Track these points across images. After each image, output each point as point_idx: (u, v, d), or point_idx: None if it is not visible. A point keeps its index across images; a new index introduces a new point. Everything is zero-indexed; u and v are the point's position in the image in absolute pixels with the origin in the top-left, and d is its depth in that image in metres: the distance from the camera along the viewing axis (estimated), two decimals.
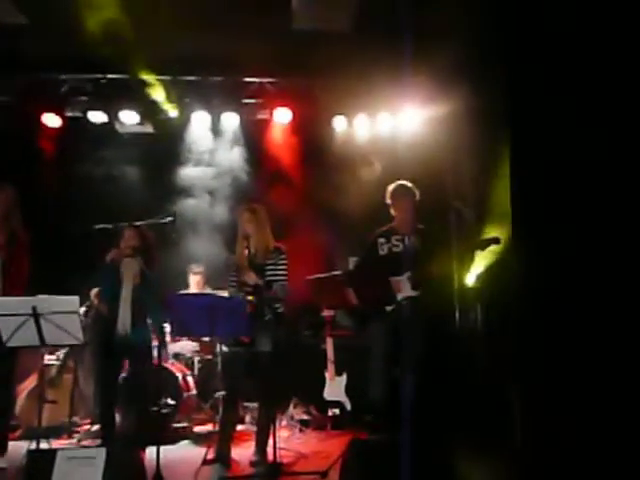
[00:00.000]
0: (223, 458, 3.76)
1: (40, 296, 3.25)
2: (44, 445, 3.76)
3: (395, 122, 5.85)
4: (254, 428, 4.28)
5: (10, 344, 3.27)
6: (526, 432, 3.72)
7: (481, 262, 4.88)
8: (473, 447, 3.66)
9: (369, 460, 2.90)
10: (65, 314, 3.23)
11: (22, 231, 3.96)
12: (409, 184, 4.07)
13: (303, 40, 5.09)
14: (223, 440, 3.83)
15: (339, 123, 5.93)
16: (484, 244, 3.99)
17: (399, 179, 4.16)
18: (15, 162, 5.33)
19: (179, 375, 4.78)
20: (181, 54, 5.29)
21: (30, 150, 5.70)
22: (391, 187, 4.10)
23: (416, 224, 4.07)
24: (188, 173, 5.93)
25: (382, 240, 4.06)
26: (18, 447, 3.97)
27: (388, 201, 4.14)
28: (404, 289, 3.89)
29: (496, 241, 3.95)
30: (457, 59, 4.71)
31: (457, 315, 5.45)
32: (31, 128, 5.75)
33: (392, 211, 4.14)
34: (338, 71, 5.52)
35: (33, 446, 3.38)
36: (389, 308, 3.89)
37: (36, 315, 3.20)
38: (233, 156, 5.94)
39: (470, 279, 5.18)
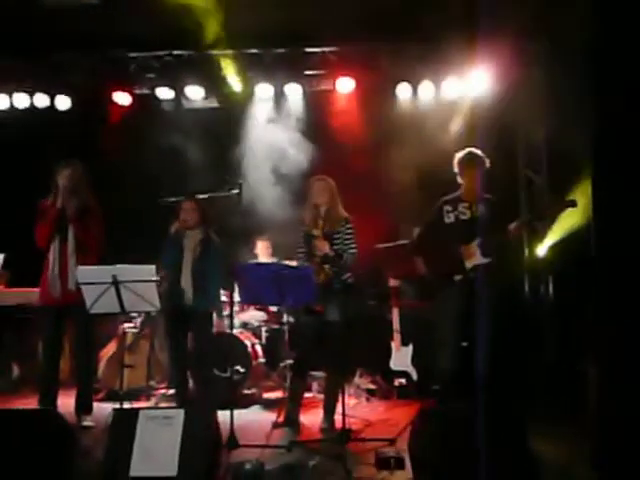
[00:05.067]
0: (292, 423, 3.87)
1: (119, 265, 3.40)
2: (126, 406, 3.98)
3: (462, 87, 5.65)
4: (321, 396, 4.38)
5: (93, 311, 3.46)
6: (600, 404, 3.59)
7: (554, 232, 4.69)
8: (545, 418, 3.59)
9: (439, 429, 2.89)
10: (143, 282, 3.38)
11: (93, 204, 4.13)
12: (479, 152, 3.95)
13: (364, 6, 4.98)
14: (292, 406, 3.94)
15: (403, 90, 5.80)
16: (560, 207, 3.80)
17: (467, 147, 4.03)
18: (88, 139, 5.57)
19: (248, 343, 4.92)
20: (243, 28, 5.31)
21: (102, 127, 5.91)
22: (460, 155, 3.99)
23: (484, 193, 3.96)
24: (253, 145, 5.99)
25: (448, 208, 3.99)
26: (101, 408, 4.24)
27: (455, 169, 4.04)
28: (474, 257, 3.81)
29: (573, 204, 3.76)
30: (533, 17, 4.46)
31: (527, 285, 5.29)
32: (103, 106, 5.97)
33: (459, 179, 4.04)
34: (402, 36, 5.39)
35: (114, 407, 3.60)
36: (458, 277, 3.83)
37: (116, 283, 3.37)
38: (297, 127, 5.94)
39: (542, 249, 5.00)
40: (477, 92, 5.52)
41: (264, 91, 5.93)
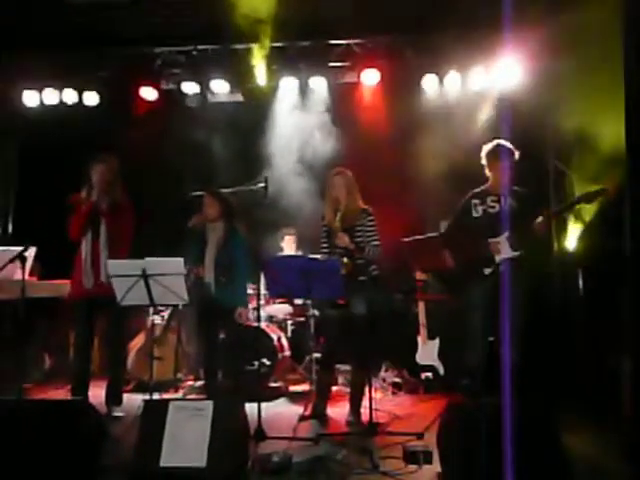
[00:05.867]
0: (320, 416, 3.89)
1: (148, 259, 3.44)
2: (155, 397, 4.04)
3: (489, 78, 5.55)
4: (347, 389, 4.39)
5: (124, 303, 3.51)
6: (634, 398, 3.52)
7: (584, 224, 4.59)
8: (576, 413, 3.53)
9: (468, 424, 2.87)
10: (171, 275, 3.41)
11: (125, 199, 4.19)
12: (507, 144, 3.88)
13: None
14: (319, 399, 3.96)
15: (429, 82, 5.73)
16: (591, 196, 3.70)
17: (495, 138, 3.97)
18: (116, 134, 5.64)
19: (274, 336, 4.94)
20: (267, 22, 5.30)
21: (129, 122, 5.98)
22: (488, 147, 3.93)
23: (512, 185, 3.90)
24: (277, 139, 5.99)
25: (476, 201, 3.94)
26: (130, 399, 4.32)
27: (483, 161, 3.99)
28: (503, 250, 3.75)
29: (604, 192, 3.66)
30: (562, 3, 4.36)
31: (557, 278, 5.19)
32: (130, 101, 6.03)
33: (487, 172, 3.99)
34: (427, 27, 5.32)
35: (142, 398, 3.65)
36: (487, 270, 3.78)
37: (145, 276, 3.41)
38: (321, 120, 5.93)
39: (572, 242, 4.90)
40: (505, 82, 5.42)
41: (289, 84, 5.93)
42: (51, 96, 6.06)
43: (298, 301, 5.40)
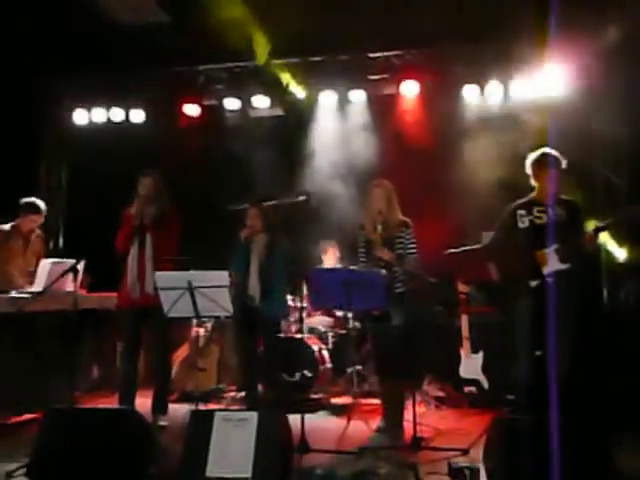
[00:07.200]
0: (389, 429, 3.86)
1: (194, 271, 3.51)
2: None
3: (533, 86, 5.47)
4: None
5: (171, 314, 3.59)
6: None
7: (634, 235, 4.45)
8: (629, 431, 3.40)
9: (515, 440, 2.80)
10: (216, 288, 3.47)
11: (170, 212, 4.29)
12: (555, 152, 3.80)
13: (425, 9, 4.94)
14: (388, 412, 3.93)
15: (469, 92, 5.69)
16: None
17: (541, 147, 3.90)
18: (162, 149, 5.80)
19: (315, 348, 4.95)
20: (306, 36, 5.38)
21: (174, 137, 6.15)
22: (533, 156, 3.86)
23: (559, 195, 3.82)
24: (318, 152, 6.05)
25: (522, 212, 3.85)
26: (175, 409, 4.39)
27: (528, 171, 3.91)
28: (551, 263, 3.66)
29: None
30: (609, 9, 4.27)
31: (606, 291, 5.03)
32: (174, 117, 6.20)
33: (532, 181, 3.91)
34: (466, 36, 5.29)
35: (187, 408, 3.71)
36: (534, 283, 3.70)
37: (191, 288, 3.48)
38: (361, 132, 5.95)
39: (621, 253, 4.75)
40: (550, 91, 5.33)
41: (328, 97, 5.98)
42: (99, 114, 6.30)
43: (339, 313, 5.39)
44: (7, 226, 4.67)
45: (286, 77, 5.88)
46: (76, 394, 4.69)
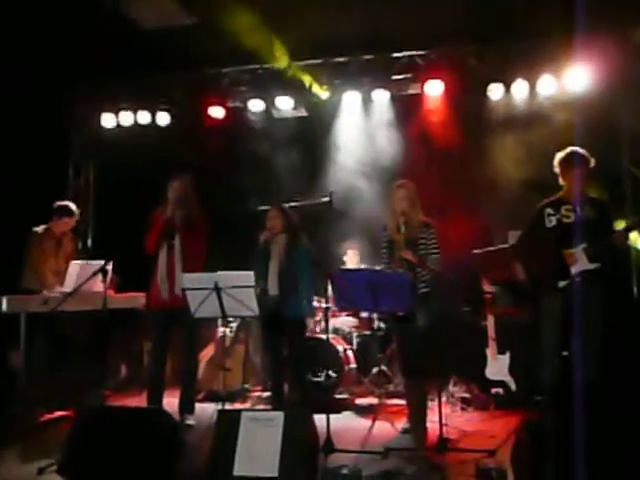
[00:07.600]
0: (414, 430, 3.84)
1: (220, 272, 3.54)
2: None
3: (559, 85, 5.39)
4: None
5: (197, 315, 3.63)
6: None
7: None
8: None
9: (543, 443, 2.76)
10: (242, 288, 3.50)
11: (199, 214, 4.34)
12: (582, 151, 3.74)
13: (449, 8, 4.90)
14: (414, 413, 3.90)
15: (495, 91, 5.63)
16: None
17: (569, 146, 3.84)
18: (187, 151, 5.87)
19: (340, 349, 4.95)
20: (328, 36, 5.39)
21: (199, 139, 6.21)
22: (561, 154, 3.81)
23: (587, 193, 3.76)
24: (341, 152, 6.05)
25: (550, 211, 3.80)
26: (201, 408, 4.44)
27: (556, 170, 3.86)
28: (579, 262, 3.60)
29: None
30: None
31: (636, 291, 4.94)
32: (199, 119, 6.27)
33: (560, 180, 3.85)
34: (491, 35, 5.24)
35: (213, 407, 3.74)
36: (562, 283, 3.64)
37: (218, 289, 3.52)
38: (385, 132, 5.94)
39: None
40: (576, 88, 5.25)
41: (352, 97, 5.98)
42: (126, 118, 6.41)
43: (364, 314, 5.39)
44: (40, 228, 4.77)
45: (309, 78, 5.89)
46: (105, 392, 4.80)
